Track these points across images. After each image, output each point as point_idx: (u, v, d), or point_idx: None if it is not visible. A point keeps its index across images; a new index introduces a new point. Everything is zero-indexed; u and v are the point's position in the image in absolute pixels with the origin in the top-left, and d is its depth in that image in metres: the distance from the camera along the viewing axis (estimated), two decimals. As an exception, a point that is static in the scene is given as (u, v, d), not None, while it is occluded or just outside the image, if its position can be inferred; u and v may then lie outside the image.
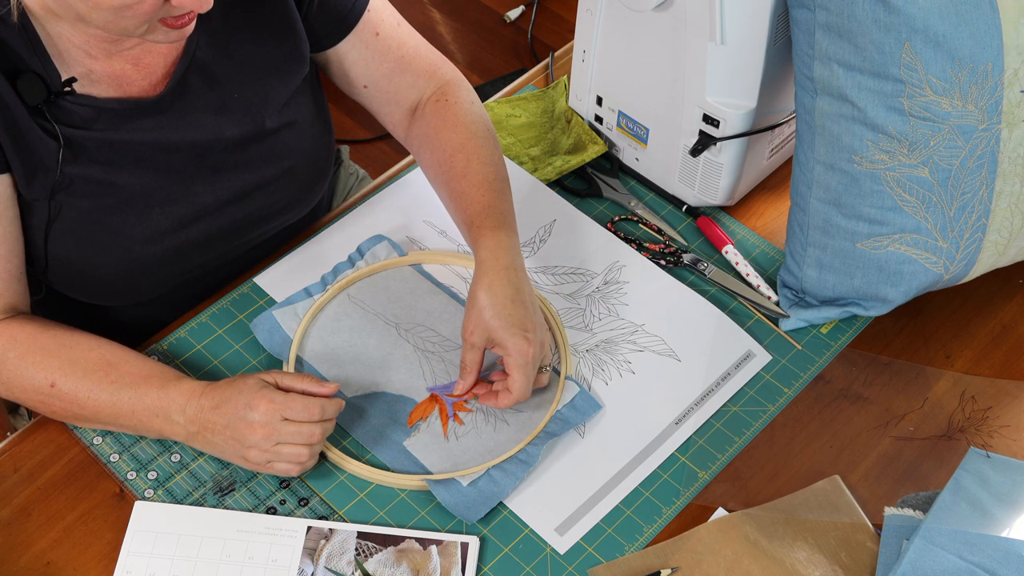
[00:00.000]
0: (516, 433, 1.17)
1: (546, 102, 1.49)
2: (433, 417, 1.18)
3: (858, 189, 1.18)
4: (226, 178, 1.23)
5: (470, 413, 1.19)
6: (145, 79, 1.17)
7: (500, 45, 2.78)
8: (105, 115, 1.14)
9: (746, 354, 1.24)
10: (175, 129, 1.18)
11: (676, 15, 1.23)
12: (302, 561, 1.09)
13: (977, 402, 1.22)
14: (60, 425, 1.19)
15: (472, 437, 1.17)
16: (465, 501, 1.11)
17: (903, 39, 1.10)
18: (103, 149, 1.15)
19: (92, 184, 1.16)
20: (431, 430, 1.17)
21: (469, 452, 1.15)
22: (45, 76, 1.11)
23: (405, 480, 1.14)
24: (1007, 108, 1.13)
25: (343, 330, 1.25)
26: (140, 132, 1.17)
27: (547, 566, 1.10)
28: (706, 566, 1.09)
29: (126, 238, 1.19)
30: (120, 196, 1.18)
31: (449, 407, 1.19)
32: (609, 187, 1.40)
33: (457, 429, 1.17)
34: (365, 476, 1.14)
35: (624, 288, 1.30)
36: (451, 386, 1.20)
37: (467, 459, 1.15)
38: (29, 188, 1.14)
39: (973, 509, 1.10)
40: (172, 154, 1.19)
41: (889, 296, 1.23)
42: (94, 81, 1.14)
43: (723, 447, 1.18)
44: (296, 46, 1.24)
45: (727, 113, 1.26)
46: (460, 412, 1.19)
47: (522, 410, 1.18)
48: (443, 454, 1.16)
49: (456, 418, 1.18)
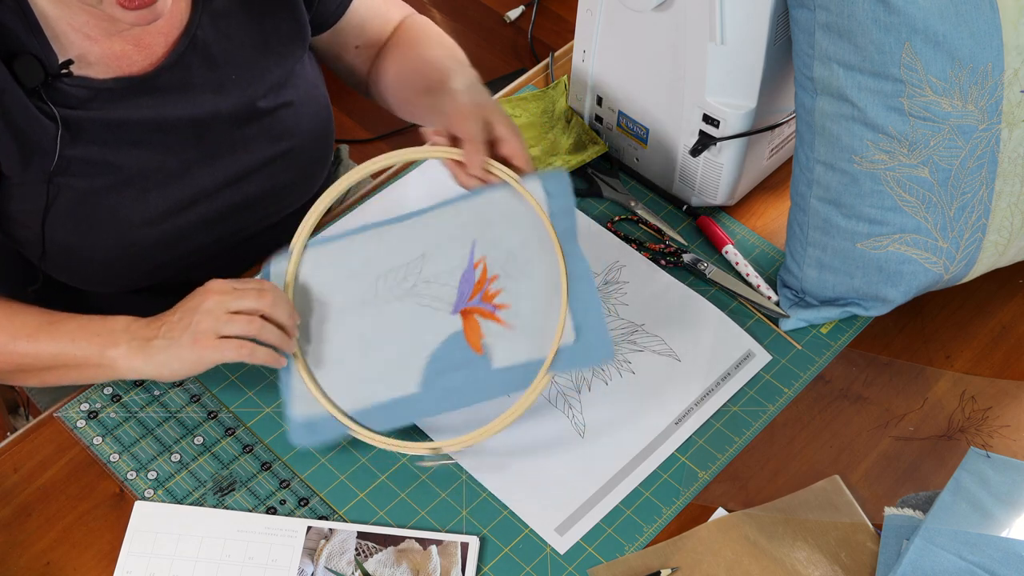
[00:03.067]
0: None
1: (546, 102, 1.49)
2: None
3: (858, 189, 1.18)
4: (224, 160, 1.23)
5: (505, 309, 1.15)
6: (146, 59, 1.17)
7: (500, 45, 2.78)
8: (101, 94, 1.15)
9: (746, 354, 1.24)
10: (172, 107, 1.19)
11: (676, 15, 1.23)
12: (302, 561, 1.09)
13: (977, 402, 1.22)
14: (60, 425, 1.19)
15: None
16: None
17: (903, 39, 1.10)
18: (100, 129, 1.15)
19: (90, 165, 1.16)
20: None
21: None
22: (43, 58, 1.11)
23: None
24: (1007, 108, 1.13)
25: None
26: (136, 110, 1.17)
27: (547, 566, 1.10)
28: (706, 566, 1.09)
29: (124, 220, 1.19)
30: (117, 177, 1.18)
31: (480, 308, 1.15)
32: (609, 187, 1.40)
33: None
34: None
35: (624, 288, 1.30)
36: (466, 293, 1.16)
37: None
38: (25, 172, 1.14)
39: (973, 509, 1.10)
40: (169, 133, 1.19)
41: (889, 296, 1.23)
42: (91, 63, 1.14)
43: (723, 447, 1.18)
44: (296, 27, 1.25)
45: (727, 113, 1.26)
46: (495, 309, 1.15)
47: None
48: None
49: (495, 316, 1.14)
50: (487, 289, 1.16)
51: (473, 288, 1.16)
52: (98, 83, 1.14)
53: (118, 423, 1.19)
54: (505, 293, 1.15)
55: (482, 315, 1.15)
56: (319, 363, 1.16)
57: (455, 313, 1.15)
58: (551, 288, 1.13)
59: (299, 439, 1.13)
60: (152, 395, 1.21)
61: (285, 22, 1.25)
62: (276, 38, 1.24)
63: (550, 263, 1.14)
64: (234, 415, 1.20)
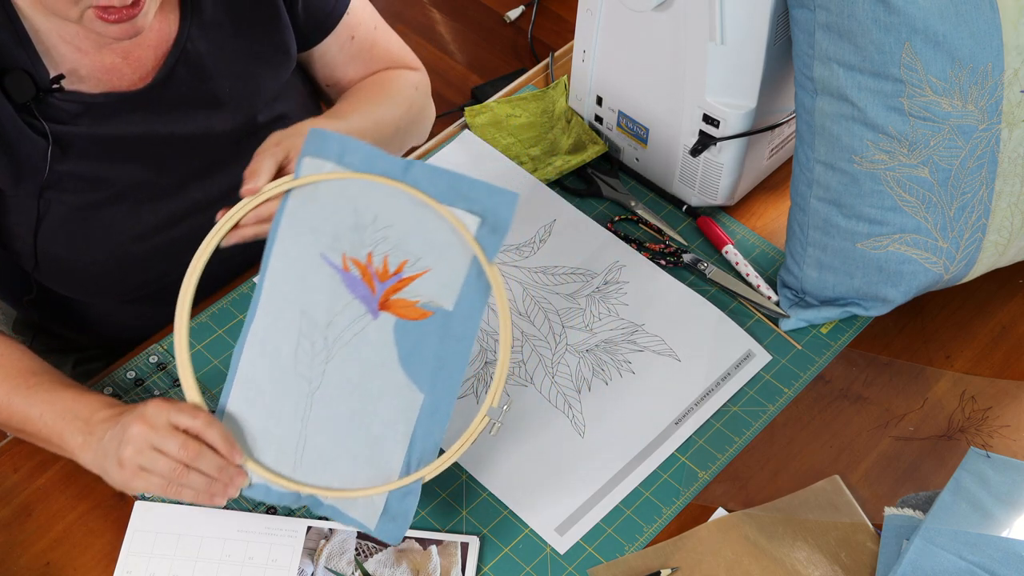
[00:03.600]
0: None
1: (546, 102, 1.49)
2: None
3: (858, 189, 1.18)
4: (219, 174, 1.23)
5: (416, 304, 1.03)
6: (135, 72, 1.16)
7: (500, 45, 2.78)
8: (92, 110, 1.14)
9: (746, 354, 1.24)
10: (164, 123, 1.18)
11: (676, 15, 1.23)
12: (302, 561, 1.09)
13: (977, 402, 1.22)
14: (60, 425, 1.19)
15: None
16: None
17: (903, 39, 1.10)
18: (91, 145, 1.15)
19: (81, 180, 1.15)
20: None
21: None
22: (33, 73, 1.10)
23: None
24: (1007, 108, 1.13)
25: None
26: (128, 126, 1.16)
27: (547, 566, 1.10)
28: (706, 566, 1.09)
29: (116, 234, 1.19)
30: (109, 192, 1.17)
31: (377, 297, 1.03)
32: (609, 187, 1.40)
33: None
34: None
35: (624, 288, 1.30)
36: (366, 292, 1.04)
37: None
38: (17, 187, 1.13)
39: (973, 509, 1.10)
40: (162, 149, 1.18)
41: (889, 296, 1.23)
42: (83, 78, 1.13)
43: (723, 447, 1.18)
44: (284, 40, 1.25)
45: (727, 113, 1.26)
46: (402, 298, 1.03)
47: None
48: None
49: (406, 281, 1.02)
50: (377, 269, 1.04)
51: (365, 281, 1.04)
52: (89, 98, 1.14)
53: (118, 423, 1.19)
54: (392, 253, 1.04)
55: (396, 289, 1.04)
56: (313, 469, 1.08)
57: (376, 315, 1.04)
58: (445, 234, 1.02)
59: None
60: (152, 395, 1.21)
61: (275, 34, 1.24)
62: (266, 49, 1.24)
63: (424, 217, 1.02)
64: (234, 415, 1.20)
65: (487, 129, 1.45)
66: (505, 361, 1.03)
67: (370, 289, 1.04)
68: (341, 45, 1.32)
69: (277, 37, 1.24)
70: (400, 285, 1.03)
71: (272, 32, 1.24)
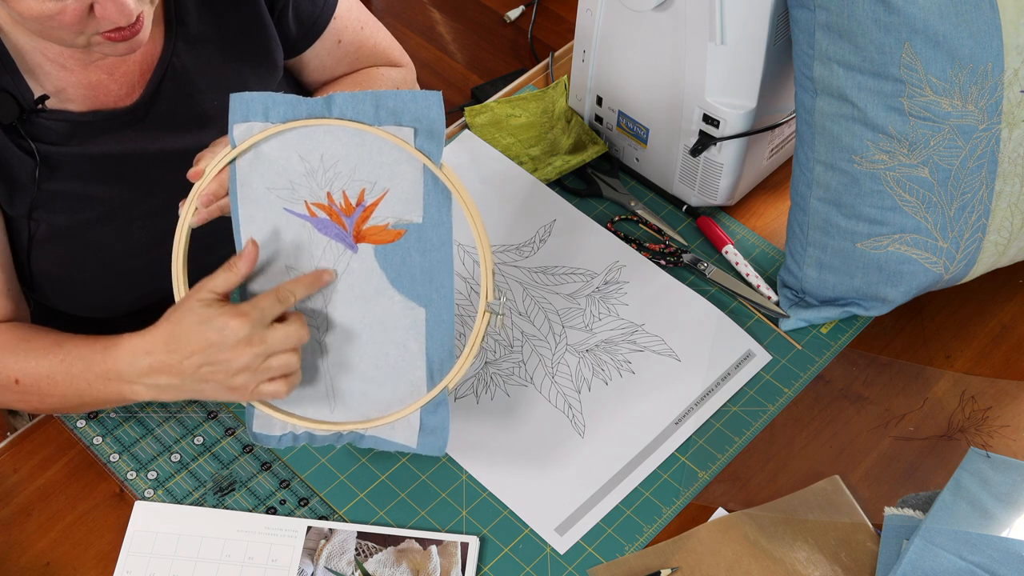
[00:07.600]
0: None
1: (546, 102, 1.49)
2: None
3: (858, 189, 1.18)
4: None
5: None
6: (121, 88, 1.16)
7: (500, 45, 2.78)
8: (81, 129, 1.13)
9: (746, 354, 1.25)
10: (153, 140, 1.17)
11: (676, 15, 1.23)
12: (302, 561, 1.09)
13: (977, 402, 1.22)
14: (60, 425, 1.19)
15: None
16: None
17: (903, 39, 1.10)
18: (80, 164, 1.14)
19: (70, 200, 1.15)
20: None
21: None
22: (16, 94, 1.10)
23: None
24: (1007, 108, 1.13)
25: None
26: (117, 144, 1.15)
27: (547, 566, 1.10)
28: (706, 566, 1.09)
29: (108, 252, 1.18)
30: (100, 210, 1.17)
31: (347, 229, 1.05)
32: (609, 187, 1.40)
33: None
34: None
35: (624, 288, 1.30)
36: (338, 231, 1.06)
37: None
38: (12, 206, 1.13)
39: (973, 509, 1.10)
40: (152, 166, 1.18)
41: (889, 296, 1.23)
42: (70, 97, 1.13)
43: (723, 447, 1.18)
44: (270, 50, 1.24)
45: (727, 113, 1.26)
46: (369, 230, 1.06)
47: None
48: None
49: (372, 209, 1.04)
50: (341, 205, 1.06)
51: (335, 220, 1.06)
52: (76, 116, 1.13)
53: (118, 423, 1.19)
54: (349, 186, 1.06)
55: (364, 218, 1.06)
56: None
57: (355, 249, 1.06)
58: (389, 152, 1.04)
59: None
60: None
61: (261, 45, 1.23)
62: (252, 60, 1.23)
63: (364, 143, 1.04)
64: (234, 415, 1.20)
65: (487, 129, 1.45)
66: (487, 254, 1.05)
67: (341, 227, 1.06)
68: (329, 49, 1.32)
69: (263, 48, 1.24)
70: (367, 213, 1.06)
71: (258, 43, 1.23)
